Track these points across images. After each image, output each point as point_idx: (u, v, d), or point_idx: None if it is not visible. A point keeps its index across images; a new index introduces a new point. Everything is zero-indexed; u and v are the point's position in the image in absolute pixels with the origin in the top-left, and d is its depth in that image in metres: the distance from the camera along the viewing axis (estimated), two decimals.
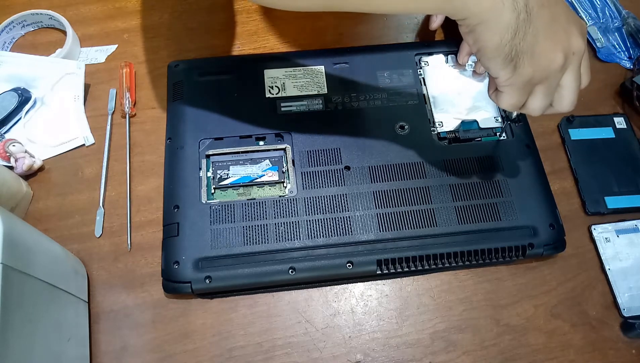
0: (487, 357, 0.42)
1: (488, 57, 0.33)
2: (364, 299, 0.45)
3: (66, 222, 0.47)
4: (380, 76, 0.51)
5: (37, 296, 0.35)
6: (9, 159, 0.47)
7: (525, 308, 0.44)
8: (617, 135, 0.52)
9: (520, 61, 0.32)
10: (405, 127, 0.49)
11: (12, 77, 0.52)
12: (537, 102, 0.35)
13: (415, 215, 0.45)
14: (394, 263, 0.43)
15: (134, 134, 0.51)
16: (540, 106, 0.35)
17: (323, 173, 0.46)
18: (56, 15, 0.55)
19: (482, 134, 0.49)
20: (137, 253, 0.46)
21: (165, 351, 0.42)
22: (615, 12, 0.60)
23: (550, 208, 0.46)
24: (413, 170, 0.47)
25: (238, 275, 0.42)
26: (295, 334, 0.43)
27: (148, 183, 0.49)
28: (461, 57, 0.51)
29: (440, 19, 0.53)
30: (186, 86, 0.50)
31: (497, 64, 0.33)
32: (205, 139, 0.47)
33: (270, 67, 0.51)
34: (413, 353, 0.43)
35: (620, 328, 0.44)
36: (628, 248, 0.46)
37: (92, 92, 0.54)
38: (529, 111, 0.36)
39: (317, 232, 0.44)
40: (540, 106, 0.35)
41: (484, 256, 0.44)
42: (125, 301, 0.44)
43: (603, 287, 0.45)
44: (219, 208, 0.44)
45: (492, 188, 0.46)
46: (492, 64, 0.33)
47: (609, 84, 0.55)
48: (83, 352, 0.41)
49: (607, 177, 0.49)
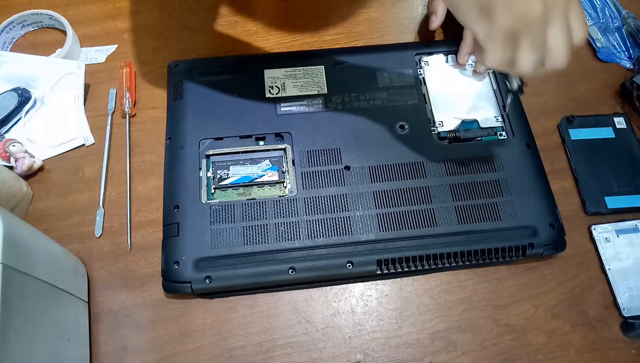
0: (487, 357, 0.42)
1: (462, 10, 0.32)
2: (364, 299, 0.45)
3: (66, 222, 0.47)
4: (380, 76, 0.51)
5: (37, 296, 0.35)
6: (9, 159, 0.47)
7: (525, 308, 0.44)
8: (617, 135, 0.52)
9: (495, 10, 0.31)
10: (405, 127, 0.49)
11: (12, 77, 0.52)
12: (525, 58, 0.33)
13: (415, 215, 0.45)
14: (394, 263, 0.43)
15: (134, 134, 0.51)
16: (529, 61, 0.33)
17: (323, 173, 0.46)
18: (56, 15, 0.55)
19: (482, 134, 0.49)
20: (137, 253, 0.46)
21: (165, 351, 0.42)
22: (615, 12, 0.60)
23: (551, 208, 0.46)
24: (413, 170, 0.47)
25: (238, 275, 0.42)
26: (295, 334, 0.43)
27: (148, 183, 0.49)
28: (461, 57, 0.51)
29: (440, 19, 0.53)
30: (186, 86, 0.50)
31: (472, 17, 0.32)
32: (205, 139, 0.47)
33: (270, 67, 0.51)
34: (413, 353, 0.43)
35: (620, 328, 0.44)
36: (628, 248, 0.46)
37: (92, 92, 0.54)
38: (519, 68, 0.34)
39: (317, 232, 0.44)
40: (528, 61, 0.33)
41: (484, 256, 0.44)
42: (125, 301, 0.44)
43: (603, 287, 0.45)
44: (219, 208, 0.44)
45: (492, 187, 0.46)
46: (467, 18, 0.33)
47: (609, 84, 0.55)
48: (83, 352, 0.41)
49: (607, 177, 0.49)
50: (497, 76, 0.52)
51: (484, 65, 0.44)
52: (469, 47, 0.50)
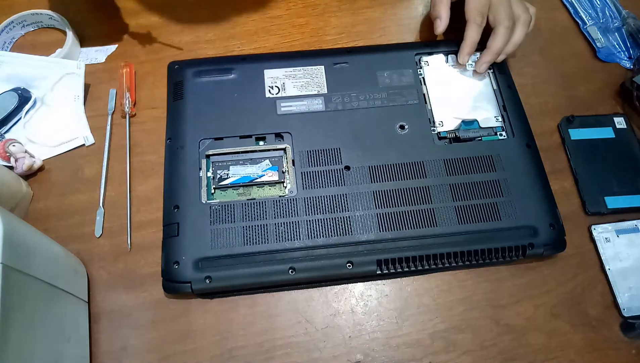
0: (487, 357, 0.42)
1: None
2: (364, 299, 0.45)
3: (66, 222, 0.47)
4: (380, 76, 0.51)
5: (37, 296, 0.35)
6: (9, 159, 0.47)
7: (525, 308, 0.44)
8: (617, 135, 0.52)
9: None
10: (405, 127, 0.49)
11: (12, 77, 0.52)
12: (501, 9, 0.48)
13: (415, 215, 0.45)
14: (394, 263, 0.43)
15: (134, 134, 0.51)
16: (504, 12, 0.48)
17: (323, 173, 0.46)
18: (56, 16, 0.55)
19: (482, 134, 0.49)
20: (137, 253, 0.46)
21: (165, 351, 0.42)
22: (615, 12, 0.60)
23: (551, 208, 0.46)
24: (413, 170, 0.47)
25: (238, 275, 0.42)
26: (295, 334, 0.43)
27: (148, 183, 0.49)
28: (461, 57, 0.51)
29: (445, 22, 0.52)
30: (186, 86, 0.50)
31: None
32: (205, 139, 0.47)
33: (270, 67, 0.51)
34: (413, 353, 0.43)
35: (620, 328, 0.44)
36: (628, 248, 0.46)
37: (92, 92, 0.54)
38: (495, 14, 0.49)
39: (317, 232, 0.44)
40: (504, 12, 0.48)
41: (484, 256, 0.44)
42: (125, 301, 0.44)
43: (603, 287, 0.45)
44: (219, 208, 0.44)
45: (492, 187, 0.46)
46: None
47: (609, 84, 0.55)
48: (83, 352, 0.41)
49: (607, 177, 0.49)
50: (497, 76, 0.52)
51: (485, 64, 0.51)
52: (469, 47, 0.50)
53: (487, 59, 0.51)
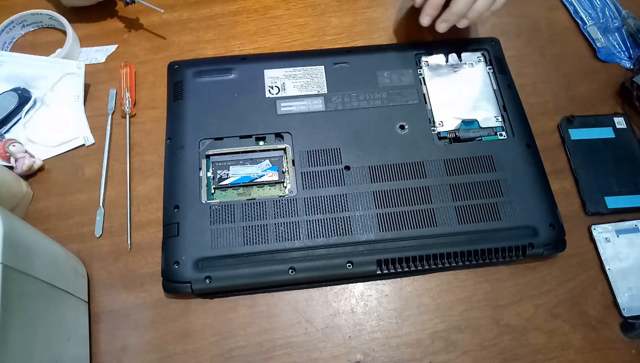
0: (487, 357, 0.42)
1: None
2: (364, 299, 0.45)
3: (66, 222, 0.47)
4: (380, 76, 0.51)
5: (37, 296, 0.35)
6: (9, 159, 0.47)
7: (525, 308, 0.44)
8: (617, 135, 0.52)
9: None
10: (405, 127, 0.49)
11: (12, 77, 0.52)
12: None
13: (415, 215, 0.45)
14: (394, 263, 0.43)
15: (134, 134, 0.51)
16: None
17: (323, 173, 0.46)
18: (56, 15, 0.55)
19: (482, 134, 0.49)
20: (137, 253, 0.46)
21: (165, 351, 0.42)
22: (615, 12, 0.60)
23: (551, 208, 0.46)
24: (413, 170, 0.47)
25: (238, 275, 0.42)
26: (295, 334, 0.43)
27: (148, 183, 0.49)
28: (422, 17, 0.50)
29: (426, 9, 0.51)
30: (186, 86, 0.50)
31: None
32: (205, 139, 0.47)
33: (270, 67, 0.51)
34: (413, 353, 0.43)
35: (620, 328, 0.44)
36: (628, 248, 0.46)
37: (92, 92, 0.54)
38: None
39: (317, 232, 0.44)
40: None
41: (484, 256, 0.44)
42: (125, 301, 0.44)
43: (603, 287, 0.45)
44: (219, 208, 0.44)
45: (492, 187, 0.46)
46: None
47: (609, 84, 0.55)
48: (83, 352, 0.41)
49: (607, 177, 0.49)
50: (497, 76, 0.52)
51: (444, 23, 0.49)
52: (431, 8, 0.49)
53: (446, 18, 0.49)
